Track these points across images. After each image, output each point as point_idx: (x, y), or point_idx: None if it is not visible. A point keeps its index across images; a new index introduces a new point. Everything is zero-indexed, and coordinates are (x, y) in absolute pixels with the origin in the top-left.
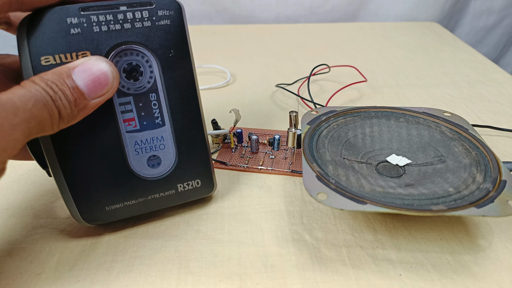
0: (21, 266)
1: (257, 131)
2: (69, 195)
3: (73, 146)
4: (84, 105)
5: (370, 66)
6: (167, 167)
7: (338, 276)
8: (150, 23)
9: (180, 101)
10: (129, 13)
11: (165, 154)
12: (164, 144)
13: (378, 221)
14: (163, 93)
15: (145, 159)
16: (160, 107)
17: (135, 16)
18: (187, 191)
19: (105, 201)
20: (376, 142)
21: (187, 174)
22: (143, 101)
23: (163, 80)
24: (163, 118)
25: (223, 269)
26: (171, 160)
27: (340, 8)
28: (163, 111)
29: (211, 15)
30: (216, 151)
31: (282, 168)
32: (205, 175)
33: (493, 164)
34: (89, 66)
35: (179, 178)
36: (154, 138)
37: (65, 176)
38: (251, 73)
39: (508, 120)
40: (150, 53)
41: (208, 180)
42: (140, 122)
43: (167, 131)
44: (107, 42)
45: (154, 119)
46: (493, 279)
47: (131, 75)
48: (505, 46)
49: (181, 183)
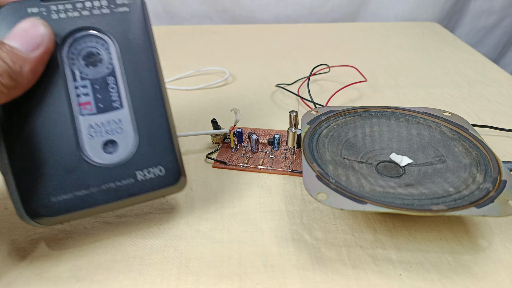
0: (20, 266)
1: (257, 130)
2: (13, 183)
3: (21, 129)
4: (24, 60)
5: (370, 66)
6: (125, 153)
7: (338, 276)
8: (109, 11)
9: (140, 85)
10: (88, 2)
11: (123, 139)
12: (122, 128)
13: (378, 221)
14: (121, 77)
15: (100, 144)
16: (119, 91)
17: (93, 5)
18: (148, 180)
19: (51, 190)
20: (376, 142)
21: (147, 160)
22: (101, 84)
23: (122, 64)
24: (121, 102)
25: (222, 269)
26: (130, 146)
27: (340, 8)
28: (121, 95)
29: (211, 15)
30: (216, 150)
31: (282, 167)
32: (169, 161)
33: (493, 164)
34: (15, 27)
35: (138, 164)
36: (111, 121)
37: (10, 160)
38: (251, 73)
39: (508, 120)
40: (109, 38)
41: (173, 167)
42: (96, 106)
43: (125, 114)
44: (65, 28)
45: (112, 102)
46: (493, 279)
47: (89, 61)
48: (505, 46)
49: (140, 170)
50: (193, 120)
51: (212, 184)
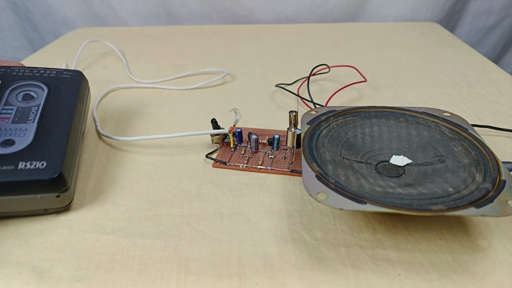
0: (21, 266)
1: (257, 130)
2: None
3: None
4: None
5: (370, 66)
6: (16, 149)
7: (338, 276)
8: (55, 74)
9: (54, 113)
10: (42, 70)
11: (21, 140)
12: (25, 133)
13: (377, 220)
14: (41, 107)
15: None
16: (36, 114)
17: (45, 72)
18: (27, 170)
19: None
20: (375, 142)
21: (33, 156)
22: (25, 110)
23: (46, 101)
24: (34, 120)
25: (222, 269)
26: (24, 145)
27: (340, 8)
28: (36, 116)
29: (211, 15)
30: (215, 150)
31: (282, 167)
32: (54, 160)
33: (492, 164)
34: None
35: (23, 157)
36: (18, 129)
37: None
38: (251, 73)
39: (507, 120)
40: (45, 86)
41: (55, 164)
42: (13, 120)
43: (32, 126)
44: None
45: (27, 119)
46: (493, 279)
47: (25, 98)
48: (505, 46)
49: (24, 161)
50: (193, 120)
51: (211, 184)
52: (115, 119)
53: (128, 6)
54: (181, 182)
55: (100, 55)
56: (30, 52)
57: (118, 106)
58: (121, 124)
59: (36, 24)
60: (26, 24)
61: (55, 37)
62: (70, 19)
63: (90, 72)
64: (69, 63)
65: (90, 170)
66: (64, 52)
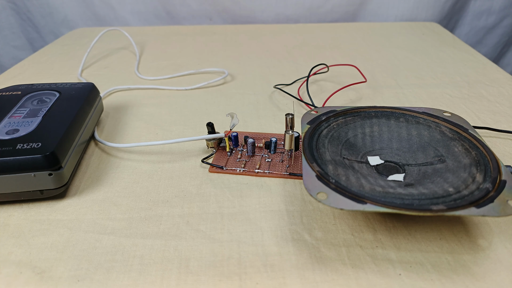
0: (21, 266)
1: (253, 134)
2: None
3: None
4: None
5: (370, 66)
6: (19, 135)
7: (338, 275)
8: (69, 85)
9: (59, 111)
10: (59, 83)
11: (25, 129)
12: (30, 124)
13: (377, 220)
14: (49, 106)
15: (7, 129)
16: (43, 112)
17: (61, 84)
18: (24, 149)
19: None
20: (376, 142)
21: (32, 139)
22: (36, 109)
23: (55, 103)
24: (41, 115)
25: (222, 269)
26: (26, 133)
27: (340, 8)
28: (43, 113)
29: (211, 15)
30: (211, 155)
31: (279, 171)
32: (49, 143)
33: (493, 164)
34: None
35: (23, 140)
36: (25, 122)
37: None
38: (251, 73)
39: (507, 120)
40: (58, 92)
41: (49, 144)
42: (24, 116)
43: (38, 119)
44: (33, 91)
45: (36, 114)
46: (493, 279)
47: (39, 102)
48: (505, 46)
49: (22, 143)
50: (193, 120)
51: (211, 184)
52: (115, 119)
53: (128, 6)
54: (182, 182)
55: (100, 55)
56: (30, 52)
57: (118, 106)
58: (121, 124)
59: (36, 24)
60: (26, 24)
61: (55, 37)
62: (70, 19)
63: (90, 72)
64: (74, 64)
65: (90, 170)
66: (64, 52)
